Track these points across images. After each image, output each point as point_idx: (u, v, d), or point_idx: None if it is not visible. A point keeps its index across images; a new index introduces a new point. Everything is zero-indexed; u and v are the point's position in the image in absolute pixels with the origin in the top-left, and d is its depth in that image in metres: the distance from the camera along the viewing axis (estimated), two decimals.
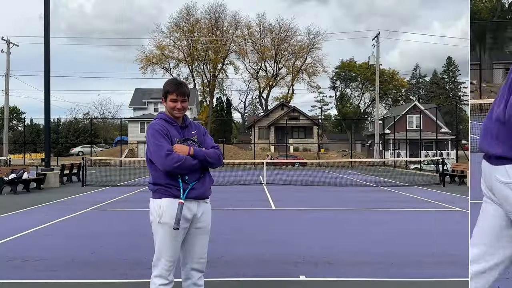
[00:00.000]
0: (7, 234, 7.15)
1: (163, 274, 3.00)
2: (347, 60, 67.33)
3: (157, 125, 3.04)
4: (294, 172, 28.55)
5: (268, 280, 4.68)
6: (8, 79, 40.41)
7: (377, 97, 45.33)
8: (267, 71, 68.38)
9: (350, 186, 17.83)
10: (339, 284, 4.58)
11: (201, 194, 3.08)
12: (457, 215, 9.44)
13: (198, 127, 3.28)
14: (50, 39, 17.69)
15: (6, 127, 41.65)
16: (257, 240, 6.73)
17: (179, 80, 3.17)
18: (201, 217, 3.11)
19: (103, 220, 8.76)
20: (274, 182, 18.75)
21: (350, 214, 9.53)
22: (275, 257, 5.65)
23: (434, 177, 21.05)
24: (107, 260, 5.47)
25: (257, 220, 8.66)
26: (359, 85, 69.00)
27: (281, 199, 12.36)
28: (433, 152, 34.37)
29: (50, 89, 17.76)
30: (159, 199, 3.01)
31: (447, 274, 4.87)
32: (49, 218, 8.84)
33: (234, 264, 5.33)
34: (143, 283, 4.47)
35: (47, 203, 11.56)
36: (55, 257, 5.65)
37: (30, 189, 15.08)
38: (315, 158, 42.41)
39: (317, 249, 6.06)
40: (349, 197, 12.93)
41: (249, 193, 14.17)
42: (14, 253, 5.87)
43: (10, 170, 14.72)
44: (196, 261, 3.14)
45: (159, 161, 2.94)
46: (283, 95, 68.90)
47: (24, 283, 4.60)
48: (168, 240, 2.98)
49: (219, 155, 3.16)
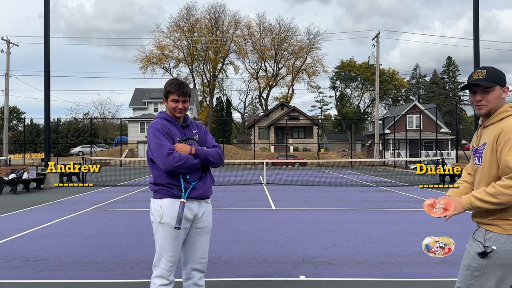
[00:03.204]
0: (7, 234, 7.15)
1: (164, 274, 3.00)
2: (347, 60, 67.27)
3: (158, 124, 3.03)
4: (294, 172, 28.55)
5: (268, 280, 4.68)
6: (8, 79, 40.40)
7: (377, 97, 45.31)
8: (267, 71, 68.43)
9: (350, 186, 17.82)
10: (339, 284, 4.58)
11: (202, 194, 3.08)
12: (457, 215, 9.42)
13: (199, 126, 3.28)
14: (50, 39, 17.70)
15: (6, 127, 41.64)
16: (257, 240, 6.72)
17: (181, 80, 3.16)
18: (202, 217, 3.11)
19: (103, 220, 8.76)
20: (274, 182, 18.75)
21: (350, 214, 9.52)
22: (275, 257, 5.65)
23: (434, 177, 21.04)
24: (107, 260, 5.47)
25: (257, 220, 8.65)
26: (359, 85, 68.94)
27: (281, 199, 12.35)
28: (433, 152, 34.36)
29: (50, 89, 17.77)
30: (160, 199, 3.01)
31: (447, 274, 4.87)
32: (49, 218, 8.84)
33: (234, 264, 5.33)
34: (143, 283, 4.47)
35: (47, 203, 11.56)
36: (55, 257, 5.65)
37: (30, 189, 15.08)
38: (315, 158, 42.42)
39: (317, 249, 6.06)
40: (349, 197, 12.92)
41: (249, 193, 14.17)
42: (14, 253, 5.87)
43: (10, 170, 14.72)
44: (197, 261, 3.13)
45: (161, 160, 2.94)
46: (283, 95, 68.90)
47: (24, 283, 4.59)
48: (169, 240, 2.98)
49: (220, 154, 3.16)
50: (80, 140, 54.54)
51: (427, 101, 67.48)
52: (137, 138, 46.54)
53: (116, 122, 65.99)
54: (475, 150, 2.50)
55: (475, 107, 2.45)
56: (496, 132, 2.33)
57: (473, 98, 2.44)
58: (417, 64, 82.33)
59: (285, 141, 47.13)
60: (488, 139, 2.37)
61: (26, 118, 57.99)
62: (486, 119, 2.46)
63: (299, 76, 66.75)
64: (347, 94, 70.76)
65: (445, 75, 76.51)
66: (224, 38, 63.26)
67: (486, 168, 2.36)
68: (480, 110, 2.43)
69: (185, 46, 62.94)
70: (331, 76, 68.39)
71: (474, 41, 17.66)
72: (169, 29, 62.81)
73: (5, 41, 39.91)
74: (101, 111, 70.72)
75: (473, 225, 2.41)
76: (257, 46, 65.15)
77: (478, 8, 17.53)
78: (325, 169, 34.69)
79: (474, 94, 2.43)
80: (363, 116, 71.82)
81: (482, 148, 2.41)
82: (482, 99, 2.40)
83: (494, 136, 2.33)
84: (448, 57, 77.39)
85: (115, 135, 62.91)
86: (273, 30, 65.16)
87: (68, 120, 59.78)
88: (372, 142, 49.17)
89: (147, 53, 62.71)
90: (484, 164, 2.38)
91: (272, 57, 65.97)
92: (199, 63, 64.73)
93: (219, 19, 63.83)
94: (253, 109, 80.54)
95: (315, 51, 65.24)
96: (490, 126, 2.42)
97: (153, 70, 64.22)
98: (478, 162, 2.44)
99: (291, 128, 52.58)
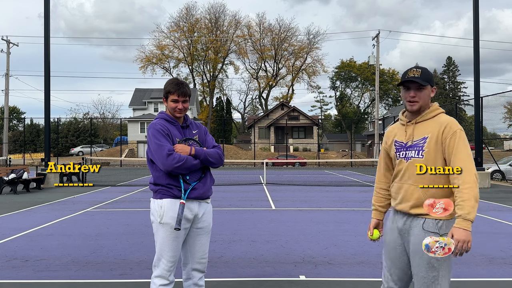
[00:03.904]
0: (7, 234, 7.15)
1: (164, 274, 3.00)
2: (347, 60, 67.27)
3: (158, 125, 3.03)
4: (294, 172, 28.55)
5: (268, 280, 4.68)
6: (8, 79, 40.40)
7: (377, 97, 45.32)
8: (267, 71, 68.43)
9: (350, 186, 17.82)
10: (339, 284, 4.58)
11: (202, 194, 3.07)
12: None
13: (199, 126, 3.27)
14: (50, 39, 17.69)
15: (6, 127, 41.62)
16: (257, 240, 6.72)
17: (181, 80, 3.15)
18: (202, 217, 3.11)
19: (103, 220, 8.76)
20: (274, 182, 18.75)
21: (350, 214, 9.53)
22: (275, 257, 5.65)
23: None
24: (107, 260, 5.47)
25: (257, 220, 8.65)
26: (359, 85, 68.94)
27: (281, 199, 12.35)
28: None
29: (50, 89, 17.77)
30: (160, 199, 3.00)
31: None
32: (49, 218, 8.84)
33: (234, 264, 5.33)
34: (143, 283, 4.47)
35: (47, 203, 11.56)
36: (55, 257, 5.65)
37: (30, 189, 15.08)
38: (315, 158, 42.42)
39: (317, 249, 6.06)
40: (349, 197, 12.92)
41: (249, 193, 14.17)
42: (14, 253, 5.88)
43: (10, 170, 14.72)
44: (197, 261, 3.13)
45: (160, 161, 2.93)
46: (283, 95, 68.90)
47: (24, 283, 4.59)
48: (169, 241, 2.97)
49: (220, 154, 3.15)
50: (80, 140, 54.54)
51: None
52: (137, 138, 46.55)
53: (116, 122, 66.01)
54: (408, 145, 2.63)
55: (408, 103, 2.62)
56: (438, 127, 2.53)
57: (407, 94, 2.61)
58: (417, 64, 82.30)
59: (285, 141, 47.14)
60: (430, 133, 2.55)
61: (26, 118, 58.14)
62: (414, 116, 2.64)
63: (299, 76, 66.79)
64: (347, 94, 70.76)
65: (445, 75, 76.51)
66: (224, 38, 63.27)
67: (431, 161, 2.53)
68: (413, 106, 2.61)
69: (185, 46, 62.96)
70: (331, 76, 68.42)
71: (474, 41, 17.66)
72: (169, 29, 62.90)
73: (5, 41, 39.91)
74: (101, 111, 70.78)
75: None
76: (257, 46, 65.16)
77: (478, 8, 17.53)
78: (325, 169, 34.69)
79: (408, 90, 2.61)
80: (363, 116, 71.83)
81: (423, 141, 2.57)
82: (415, 95, 2.59)
83: (438, 130, 2.52)
84: (448, 57, 77.39)
85: (115, 135, 62.90)
86: (273, 30, 65.21)
87: (68, 120, 59.84)
88: (372, 142, 49.17)
89: (147, 53, 62.81)
90: (428, 157, 2.54)
91: (272, 57, 65.98)
92: (199, 63, 64.75)
93: (219, 19, 63.87)
94: (253, 109, 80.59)
95: (315, 51, 65.32)
96: (423, 122, 2.62)
97: (153, 70, 64.31)
98: (417, 155, 2.57)
99: (291, 128, 52.59)
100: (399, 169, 2.67)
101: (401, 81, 2.61)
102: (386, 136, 2.83)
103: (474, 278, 4.80)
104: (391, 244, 2.70)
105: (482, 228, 7.68)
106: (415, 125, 2.64)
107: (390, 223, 2.75)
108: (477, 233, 6.96)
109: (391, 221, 2.75)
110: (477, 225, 7.83)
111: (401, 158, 2.66)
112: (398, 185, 2.68)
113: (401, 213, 2.66)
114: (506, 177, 20.53)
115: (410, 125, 2.65)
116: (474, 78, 17.83)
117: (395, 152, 2.70)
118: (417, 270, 2.54)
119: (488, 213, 9.47)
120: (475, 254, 5.70)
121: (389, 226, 2.76)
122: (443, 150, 2.52)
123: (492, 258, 5.59)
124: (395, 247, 2.68)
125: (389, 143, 2.76)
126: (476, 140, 18.08)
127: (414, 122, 2.64)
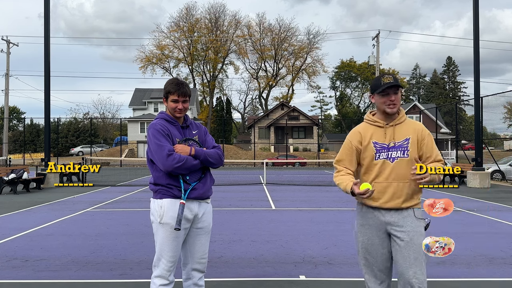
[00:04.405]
0: (7, 234, 7.15)
1: (164, 274, 3.00)
2: (347, 60, 67.31)
3: (158, 125, 3.03)
4: (294, 172, 28.55)
5: (268, 280, 4.68)
6: (8, 79, 40.40)
7: None
8: (267, 71, 68.43)
9: None
10: (339, 284, 4.58)
11: (202, 194, 3.07)
12: (457, 215, 9.43)
13: (199, 127, 3.27)
14: (50, 39, 17.69)
15: (6, 127, 41.62)
16: (257, 240, 6.72)
17: (181, 80, 3.14)
18: (202, 217, 3.11)
19: (103, 220, 8.76)
20: (274, 182, 18.75)
21: (350, 214, 9.52)
22: (275, 257, 5.65)
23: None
24: (107, 260, 5.47)
25: (257, 220, 8.65)
26: (359, 85, 68.98)
27: (281, 199, 12.35)
28: None
29: (50, 89, 17.77)
30: (160, 199, 3.00)
31: (447, 274, 4.87)
32: (49, 218, 8.84)
33: (234, 264, 5.33)
34: (143, 283, 4.47)
35: (47, 203, 11.56)
36: (55, 257, 5.65)
37: (30, 189, 15.08)
38: (315, 158, 42.40)
39: (317, 249, 6.06)
40: (349, 197, 12.86)
41: (249, 193, 14.17)
42: (14, 253, 5.88)
43: (10, 170, 14.72)
44: (197, 261, 3.13)
45: (160, 162, 2.93)
46: (283, 95, 68.91)
47: (24, 283, 4.59)
48: (169, 241, 2.97)
49: (220, 155, 3.15)
50: (80, 140, 54.52)
51: (427, 101, 67.50)
52: (137, 138, 46.54)
53: (116, 122, 66.02)
54: (391, 146, 2.81)
55: (389, 107, 2.81)
56: (415, 130, 2.84)
57: (387, 98, 2.80)
58: (417, 64, 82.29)
59: (285, 141, 47.12)
60: (411, 134, 2.83)
61: (26, 118, 58.02)
62: (391, 118, 2.86)
63: (299, 76, 66.79)
64: (347, 94, 70.81)
65: (445, 75, 76.54)
66: (224, 38, 63.26)
67: (412, 160, 2.77)
68: (393, 109, 2.81)
69: (185, 46, 62.96)
70: (331, 76, 68.49)
71: (474, 41, 17.65)
72: (169, 29, 62.91)
73: (5, 41, 39.91)
74: (101, 111, 70.79)
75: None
76: (257, 46, 65.15)
77: (478, 8, 17.53)
78: (325, 169, 34.69)
79: (388, 95, 2.79)
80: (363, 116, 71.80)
81: (406, 142, 2.81)
82: (395, 99, 2.80)
83: (417, 133, 2.83)
84: (448, 57, 77.44)
85: (115, 135, 62.92)
86: (273, 30, 65.20)
87: (68, 120, 59.80)
88: None
89: (147, 53, 62.82)
90: (411, 156, 2.78)
91: (272, 57, 65.97)
92: (199, 63, 64.75)
93: (219, 19, 63.86)
94: (253, 109, 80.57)
95: (315, 51, 65.33)
96: (400, 124, 2.86)
97: (153, 70, 64.34)
98: (403, 155, 2.79)
99: (291, 128, 52.56)
100: (381, 169, 2.80)
101: (383, 88, 2.76)
102: (358, 136, 2.93)
103: (474, 278, 4.80)
104: (373, 239, 2.84)
105: (482, 228, 7.67)
106: (394, 127, 2.85)
107: (367, 221, 2.87)
108: (477, 233, 6.99)
109: (368, 218, 2.86)
110: (477, 225, 7.84)
111: (383, 159, 2.80)
112: (384, 185, 2.79)
113: (387, 209, 2.80)
114: (506, 177, 20.54)
115: (389, 127, 2.85)
116: (474, 78, 17.81)
117: (374, 153, 2.82)
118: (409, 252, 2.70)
119: (488, 213, 9.46)
120: (475, 254, 5.70)
121: (366, 224, 2.87)
122: (419, 148, 2.83)
123: (492, 258, 5.59)
124: (377, 241, 2.83)
125: (365, 143, 2.87)
126: (476, 140, 18.07)
127: (393, 124, 2.85)
